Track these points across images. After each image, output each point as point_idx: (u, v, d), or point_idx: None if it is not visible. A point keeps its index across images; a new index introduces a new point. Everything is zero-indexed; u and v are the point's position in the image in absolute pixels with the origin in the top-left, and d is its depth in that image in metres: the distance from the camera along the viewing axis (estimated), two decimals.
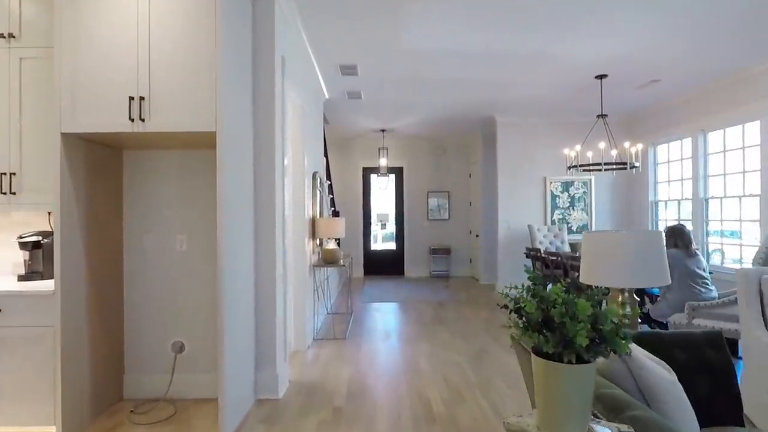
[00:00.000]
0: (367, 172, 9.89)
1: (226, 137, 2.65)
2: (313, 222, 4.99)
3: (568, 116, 7.45)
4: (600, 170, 5.25)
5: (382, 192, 9.77)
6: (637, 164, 5.33)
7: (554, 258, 5.62)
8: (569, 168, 5.63)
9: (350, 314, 5.99)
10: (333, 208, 7.31)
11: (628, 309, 2.22)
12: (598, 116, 5.48)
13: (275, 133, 3.34)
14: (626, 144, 5.26)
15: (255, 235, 3.29)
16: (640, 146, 5.38)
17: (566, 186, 7.71)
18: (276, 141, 3.35)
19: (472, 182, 9.58)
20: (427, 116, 7.54)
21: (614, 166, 5.35)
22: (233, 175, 2.80)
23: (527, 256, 6.84)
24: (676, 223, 5.48)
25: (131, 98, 2.54)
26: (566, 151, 5.70)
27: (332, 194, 7.60)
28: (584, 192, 7.72)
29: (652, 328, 4.35)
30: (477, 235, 9.06)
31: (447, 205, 9.89)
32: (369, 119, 7.73)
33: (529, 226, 7.25)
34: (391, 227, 10.04)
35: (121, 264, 3.20)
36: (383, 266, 9.92)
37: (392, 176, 9.85)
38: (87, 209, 2.83)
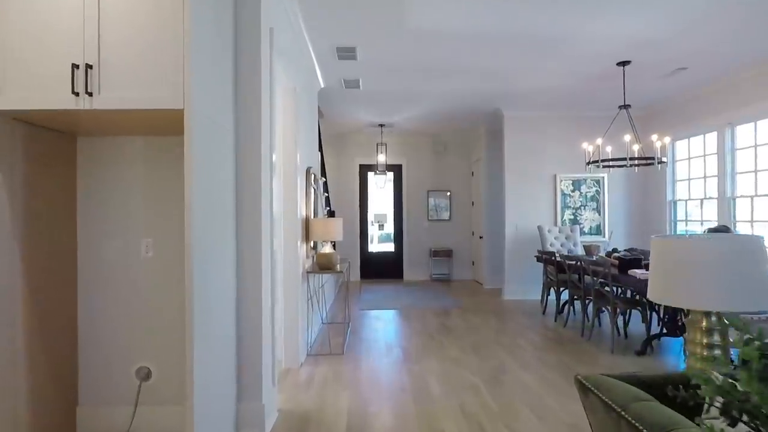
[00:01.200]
0: (364, 169, 9.36)
1: (197, 117, 2.11)
2: (306, 223, 4.46)
3: (581, 109, 6.96)
4: (625, 166, 4.76)
5: (380, 191, 9.25)
6: (664, 160, 4.85)
7: (572, 262, 5.12)
8: (588, 164, 5.14)
9: (347, 324, 5.46)
10: (328, 208, 6.78)
11: (716, 337, 1.71)
12: (620, 107, 4.99)
13: (261, 118, 2.81)
14: (653, 137, 4.77)
15: (237, 240, 2.75)
16: (667, 140, 4.90)
17: (578, 184, 7.23)
18: (263, 127, 2.82)
19: (475, 181, 9.08)
20: (428, 110, 7.03)
21: (639, 162, 4.86)
22: (207, 166, 2.26)
23: (538, 260, 6.35)
24: (717, 224, 5.01)
25: (75, 66, 2.00)
26: (585, 145, 5.20)
27: (327, 192, 7.07)
28: (597, 191, 7.24)
29: None
30: (480, 237, 8.55)
31: (448, 205, 9.39)
32: (367, 112, 7.21)
33: (539, 227, 6.76)
34: (390, 228, 9.52)
35: (73, 274, 2.65)
36: (381, 269, 9.39)
37: (391, 174, 9.33)
38: (25, 208, 2.28)
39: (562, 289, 5.81)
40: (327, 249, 4.37)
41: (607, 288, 4.78)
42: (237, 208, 2.75)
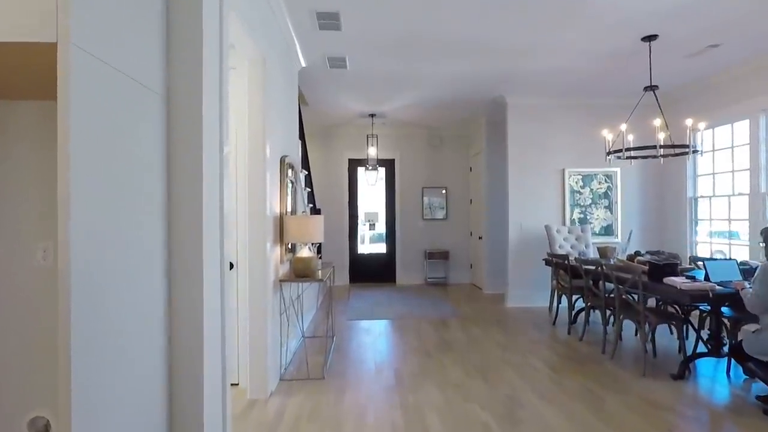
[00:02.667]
0: (354, 164, 8.65)
1: (84, 60, 1.39)
2: (280, 221, 3.75)
3: (593, 96, 6.29)
4: (655, 156, 4.09)
5: (371, 188, 8.54)
6: (698, 148, 4.19)
7: (591, 268, 4.45)
8: (609, 154, 4.46)
9: (331, 338, 4.75)
10: (311, 205, 6.06)
11: None
12: (646, 88, 4.32)
13: (204, 83, 2.08)
14: (688, 121, 4.10)
15: (169, 244, 2.03)
16: (702, 125, 4.23)
17: (588, 180, 6.56)
18: (206, 96, 2.10)
19: (473, 177, 8.41)
20: (423, 97, 6.33)
21: (670, 151, 4.20)
22: (108, 138, 1.55)
23: (547, 264, 5.68)
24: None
25: None
26: (605, 132, 4.53)
27: (311, 188, 6.35)
28: (608, 187, 6.59)
29: (745, 369, 3.19)
30: (480, 237, 7.88)
31: (444, 203, 8.70)
32: (356, 99, 6.49)
33: (546, 227, 6.09)
34: (381, 228, 8.82)
35: None
36: (372, 272, 8.68)
37: (382, 170, 8.62)
38: None
39: (575, 296, 5.14)
40: (305, 252, 3.66)
41: (632, 297, 4.12)
42: (168, 200, 2.03)
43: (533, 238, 6.42)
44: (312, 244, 4.02)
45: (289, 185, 4.23)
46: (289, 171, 4.07)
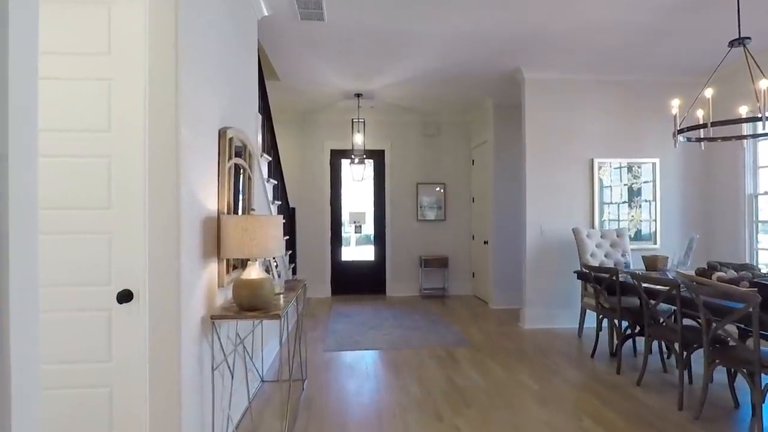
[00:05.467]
0: (337, 156, 7.37)
1: None
2: (218, 225, 2.47)
3: (635, 70, 5.08)
4: (764, 136, 2.90)
5: (358, 184, 7.27)
6: None
7: (661, 288, 3.25)
8: (680, 133, 3.27)
9: (302, 382, 3.49)
10: (279, 202, 4.74)
11: None
12: (732, 43, 3.14)
13: None
14: (764, 83, 2.92)
15: None
16: None
17: (622, 173, 5.39)
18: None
19: (476, 171, 7.21)
20: (419, 70, 5.09)
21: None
22: None
23: (582, 277, 4.48)
24: None
25: None
26: (674, 102, 3.33)
27: (280, 180, 5.05)
28: (645, 181, 5.42)
29: None
30: (485, 242, 6.67)
31: (443, 202, 7.48)
32: (337, 70, 5.22)
33: (575, 231, 4.90)
34: (369, 230, 7.56)
35: None
36: (358, 283, 7.41)
37: (370, 163, 7.37)
38: None
39: (617, 320, 3.95)
40: (254, 272, 2.40)
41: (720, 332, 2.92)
42: None
43: (556, 243, 5.23)
44: (271, 259, 2.75)
45: (241, 175, 2.96)
46: (236, 151, 2.79)
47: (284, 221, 5.10)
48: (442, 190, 7.46)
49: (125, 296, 2.02)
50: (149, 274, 1.94)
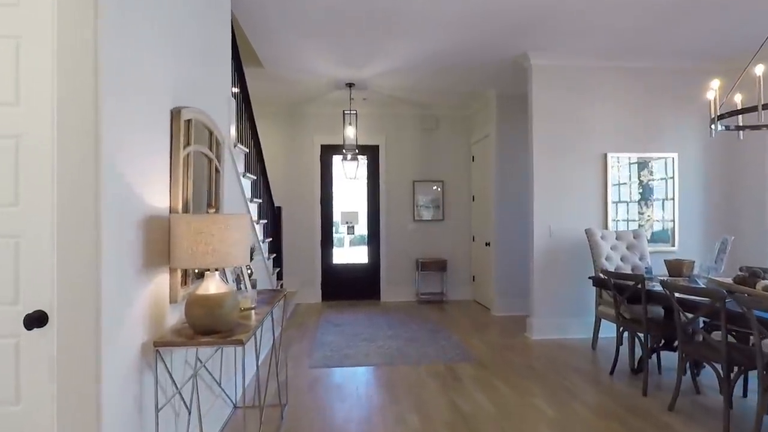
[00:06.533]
0: (328, 152, 6.89)
1: None
2: (169, 227, 1.98)
3: (656, 55, 4.63)
4: None
5: (350, 182, 6.78)
6: None
7: (701, 301, 2.79)
8: (719, 119, 2.82)
9: (282, 408, 3.00)
10: (259, 200, 4.24)
11: None
12: None
13: None
14: None
15: None
16: None
17: (637, 168, 4.94)
18: None
19: (477, 168, 6.75)
20: (416, 56, 4.62)
21: None
22: None
23: (597, 284, 4.03)
24: None
25: None
26: (714, 84, 2.88)
27: (261, 176, 4.55)
28: (662, 177, 4.97)
29: None
30: (487, 243, 6.21)
31: (441, 201, 7.01)
32: (326, 54, 4.74)
33: (588, 232, 4.44)
34: (362, 230, 7.08)
35: None
36: (350, 287, 6.93)
37: (364, 159, 6.89)
38: None
39: (636, 332, 3.49)
40: (212, 286, 1.91)
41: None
42: None
43: (566, 246, 4.77)
44: (227, 270, 2.26)
45: (206, 166, 2.47)
46: (196, 137, 2.31)
47: (266, 221, 4.61)
48: (440, 188, 7.00)
49: (37, 319, 1.54)
50: (58, 290, 1.46)
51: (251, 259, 2.87)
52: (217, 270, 1.95)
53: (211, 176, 2.57)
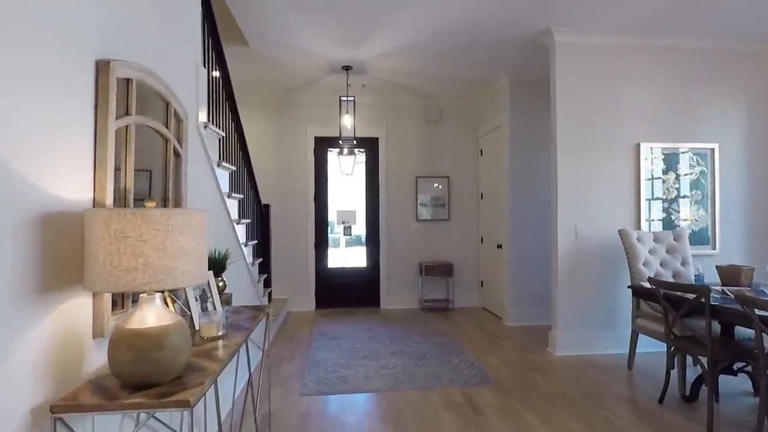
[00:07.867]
0: (323, 145, 6.28)
1: None
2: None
3: (690, 32, 4.04)
4: None
5: (347, 178, 6.17)
6: None
7: None
8: None
9: None
10: (240, 196, 3.59)
11: None
12: None
13: None
14: None
15: None
16: None
17: (673, 161, 4.36)
18: None
19: (485, 163, 6.16)
20: (420, 33, 4.01)
21: None
22: None
23: (636, 294, 3.44)
24: None
25: None
26: None
27: (245, 166, 3.92)
28: (702, 171, 4.40)
29: None
30: (499, 246, 5.62)
31: (446, 199, 6.41)
32: (317, 27, 4.12)
33: (621, 234, 3.86)
34: (360, 231, 6.47)
35: None
36: (348, 293, 6.32)
37: (362, 153, 6.28)
38: None
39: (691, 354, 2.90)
40: (152, 313, 1.31)
41: None
42: None
43: (593, 248, 4.18)
44: (169, 293, 1.64)
45: (157, 145, 1.86)
46: (141, 106, 1.69)
47: (250, 221, 3.99)
48: (445, 185, 6.40)
49: None
50: None
51: (223, 268, 2.25)
52: (156, 293, 1.33)
53: (167, 161, 1.95)
